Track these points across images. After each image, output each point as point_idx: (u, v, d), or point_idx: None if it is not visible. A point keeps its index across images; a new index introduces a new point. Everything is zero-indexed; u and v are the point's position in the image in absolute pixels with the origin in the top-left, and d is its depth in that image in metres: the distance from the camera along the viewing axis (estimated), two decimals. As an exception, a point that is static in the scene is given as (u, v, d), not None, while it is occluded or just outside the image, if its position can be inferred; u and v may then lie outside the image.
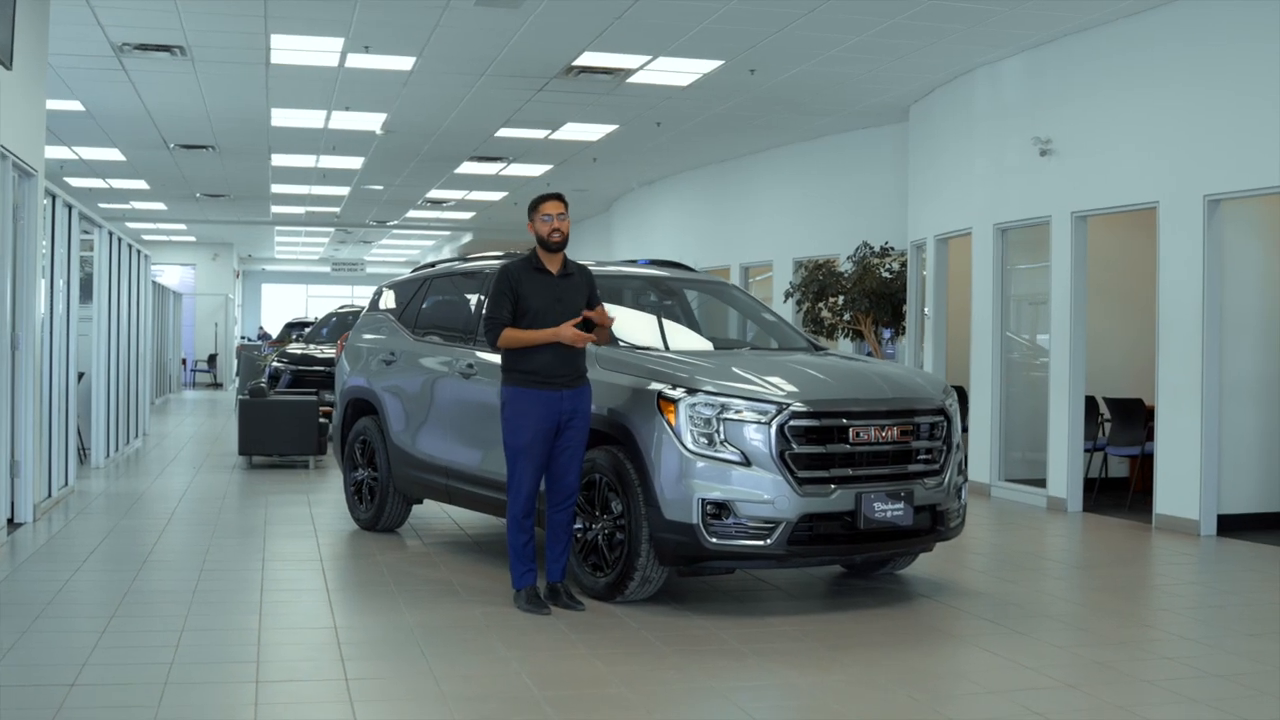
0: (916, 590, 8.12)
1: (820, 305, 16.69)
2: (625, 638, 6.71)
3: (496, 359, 8.46)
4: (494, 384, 8.46)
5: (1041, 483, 12.52)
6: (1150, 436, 11.81)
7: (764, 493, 7.04)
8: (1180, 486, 10.76)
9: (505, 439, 7.33)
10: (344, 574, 8.56)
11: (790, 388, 7.34)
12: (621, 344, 7.93)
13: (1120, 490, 12.96)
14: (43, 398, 10.91)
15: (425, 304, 10.01)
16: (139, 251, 17.45)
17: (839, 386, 7.55)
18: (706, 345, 8.97)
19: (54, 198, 11.35)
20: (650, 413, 7.27)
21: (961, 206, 13.90)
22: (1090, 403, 12.44)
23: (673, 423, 7.16)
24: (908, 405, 7.59)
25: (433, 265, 10.48)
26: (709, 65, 13.66)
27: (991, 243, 13.23)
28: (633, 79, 14.34)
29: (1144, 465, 12.25)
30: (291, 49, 13.15)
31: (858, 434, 7.31)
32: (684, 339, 9.00)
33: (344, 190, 25.37)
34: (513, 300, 7.27)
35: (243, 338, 41.98)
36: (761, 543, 7.05)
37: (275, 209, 29.28)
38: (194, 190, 25.52)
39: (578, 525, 7.57)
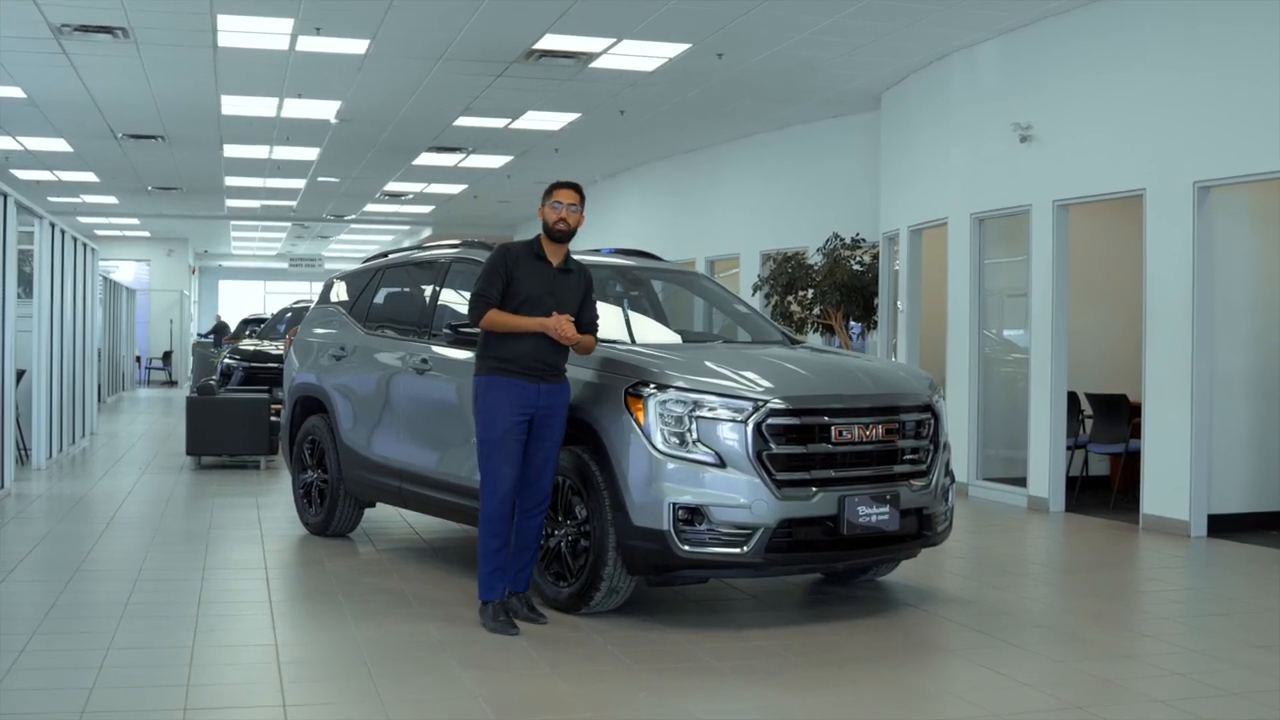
0: (900, 598, 7.64)
1: (789, 299, 16.20)
2: (592, 654, 6.19)
3: (453, 354, 7.99)
4: (450, 380, 7.99)
5: (1021, 481, 12.07)
6: (1134, 433, 11.38)
7: (740, 496, 6.53)
8: (1169, 486, 10.32)
9: (478, 433, 6.75)
10: (290, 584, 8.00)
11: (768, 383, 6.83)
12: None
13: (1102, 489, 12.53)
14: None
15: (378, 296, 9.47)
16: (85, 245, 16.80)
17: (819, 382, 7.05)
18: (675, 338, 8.48)
19: (-14, 185, 10.75)
20: (617, 410, 6.75)
21: (937, 196, 13.44)
22: (1071, 399, 12.00)
23: (641, 421, 6.65)
24: (892, 402, 7.11)
25: (385, 255, 9.93)
26: (675, 49, 13.15)
27: (968, 233, 12.77)
28: (596, 64, 13.81)
29: (1127, 463, 11.82)
30: (239, 30, 12.55)
31: (840, 433, 6.82)
32: (651, 331, 8.50)
33: (299, 183, 24.74)
34: (504, 282, 6.71)
35: (199, 334, 41.25)
36: (737, 550, 6.55)
37: (230, 203, 28.58)
38: (145, 183, 24.83)
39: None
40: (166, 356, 36.93)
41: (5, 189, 11.44)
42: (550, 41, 12.90)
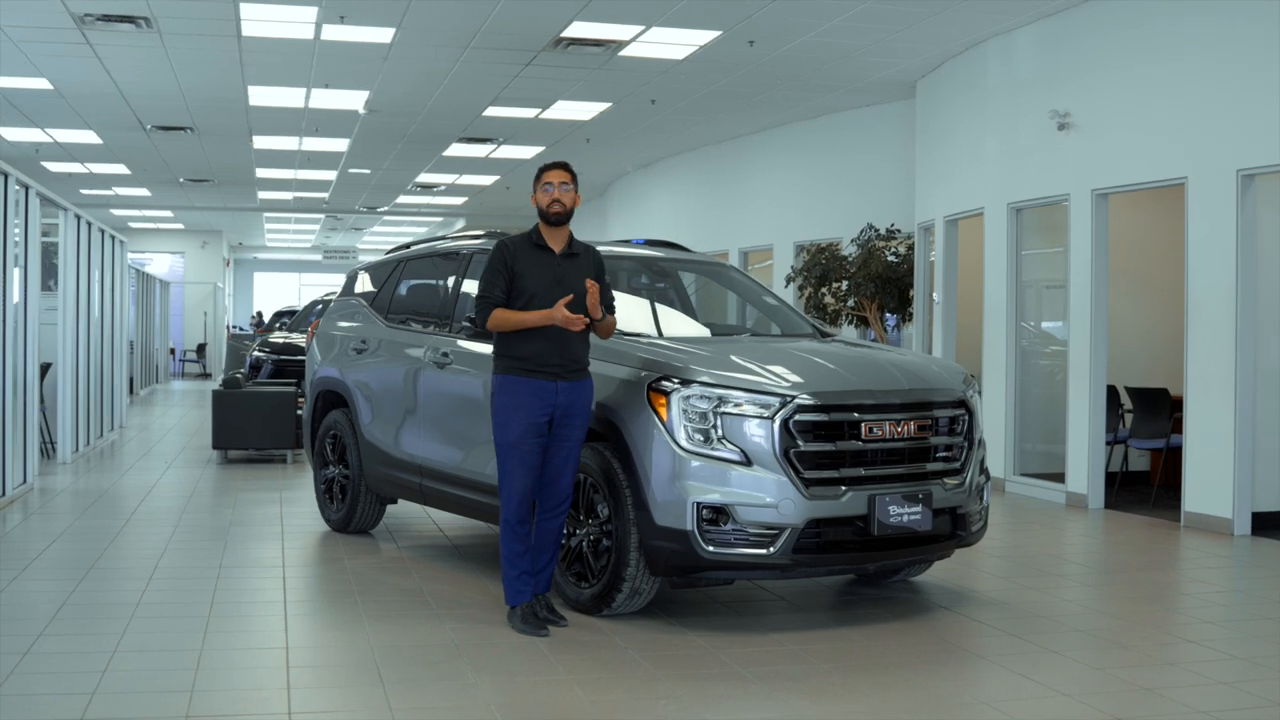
0: (933, 600, 7.40)
1: (823, 291, 15.94)
2: (612, 659, 5.98)
3: (474, 347, 7.80)
4: (471, 374, 7.80)
5: (1060, 477, 11.78)
6: (1175, 428, 11.09)
7: (766, 495, 6.31)
8: (1211, 482, 10.03)
9: (494, 435, 6.54)
10: (306, 583, 7.82)
11: (796, 378, 6.60)
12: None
13: (1142, 485, 12.24)
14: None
15: (399, 288, 9.29)
16: (113, 237, 16.71)
17: (849, 377, 6.81)
18: (704, 332, 8.25)
19: (5, 176, 10.60)
20: (640, 406, 6.54)
21: (973, 185, 13.15)
22: (1111, 393, 11.70)
23: (665, 418, 6.43)
24: (925, 397, 6.86)
25: (408, 246, 9.74)
26: (706, 36, 12.90)
27: (1005, 223, 12.48)
28: (625, 52, 13.58)
29: (1168, 459, 11.52)
30: (263, 19, 12.37)
31: (870, 429, 6.58)
32: (679, 325, 8.28)
33: (331, 175, 24.61)
34: (507, 278, 6.48)
35: (235, 327, 41.33)
36: (764, 551, 6.32)
37: (262, 194, 28.49)
38: (176, 175, 24.75)
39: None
40: (201, 349, 36.95)
41: (27, 180, 11.30)
42: (578, 29, 12.67)
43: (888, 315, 15.82)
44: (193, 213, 32.65)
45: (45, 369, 13.61)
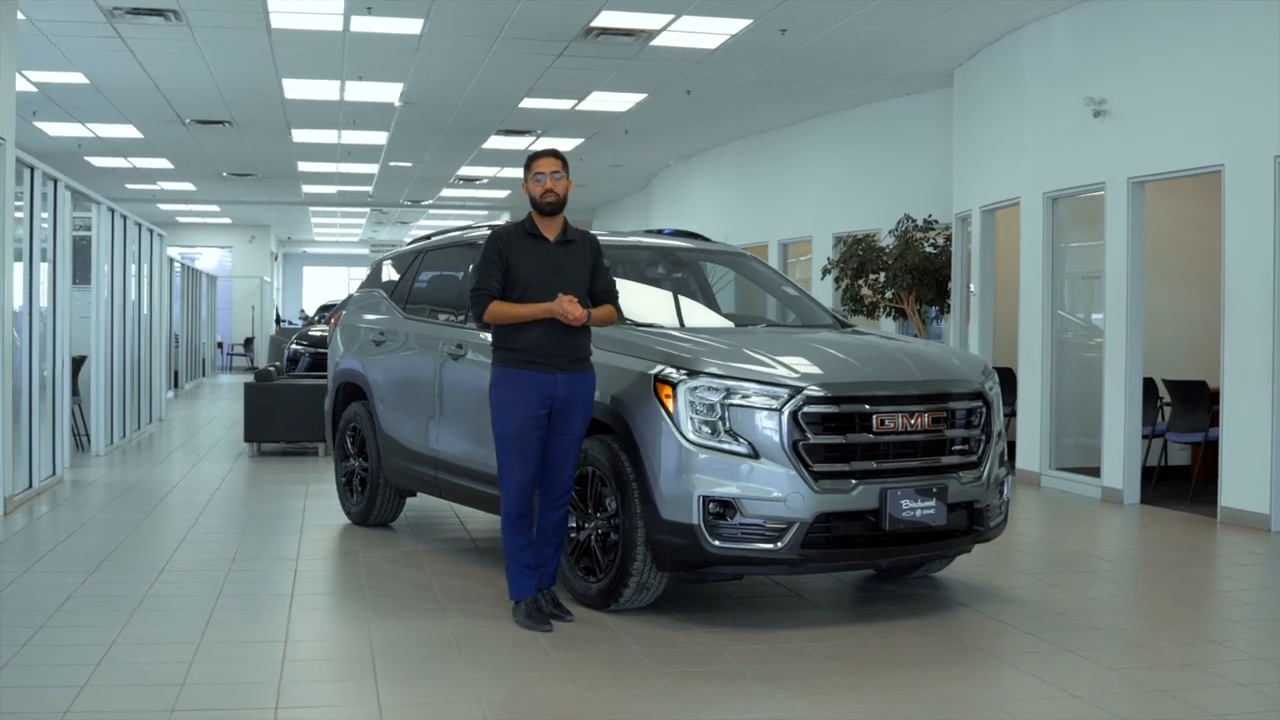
0: (953, 597, 7.23)
1: (860, 282, 15.74)
2: (613, 656, 5.86)
3: (489, 339, 7.68)
4: (486, 366, 7.63)
5: (1095, 471, 11.55)
6: (1214, 422, 10.85)
7: (774, 489, 6.17)
8: (1248, 477, 9.79)
9: (493, 427, 6.46)
10: (317, 576, 7.74)
11: (807, 369, 6.45)
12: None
13: (1181, 480, 11.99)
14: (20, 383, 10.21)
15: (417, 279, 9.20)
16: (150, 230, 16.75)
17: (862, 368, 6.65)
18: (723, 322, 8.11)
19: (32, 170, 10.60)
20: (646, 398, 6.41)
21: (1009, 175, 12.92)
22: (1148, 385, 11.47)
23: (671, 409, 6.30)
24: (941, 389, 6.70)
25: (429, 237, 9.65)
26: (737, 25, 12.73)
27: (1041, 212, 12.25)
28: (656, 41, 13.42)
29: (1207, 453, 11.28)
30: (291, 11, 12.31)
31: (882, 422, 6.42)
32: (697, 315, 8.14)
33: (372, 168, 24.59)
34: (502, 269, 6.38)
35: (285, 321, 41.55)
36: (771, 546, 6.19)
37: (306, 188, 28.54)
38: (219, 169, 24.81)
39: (569, 524, 6.72)
40: (248, 343, 37.15)
41: (55, 174, 11.31)
42: (607, 18, 12.53)
43: (928, 308, 15.60)
44: (239, 207, 32.81)
45: (80, 362, 13.67)
